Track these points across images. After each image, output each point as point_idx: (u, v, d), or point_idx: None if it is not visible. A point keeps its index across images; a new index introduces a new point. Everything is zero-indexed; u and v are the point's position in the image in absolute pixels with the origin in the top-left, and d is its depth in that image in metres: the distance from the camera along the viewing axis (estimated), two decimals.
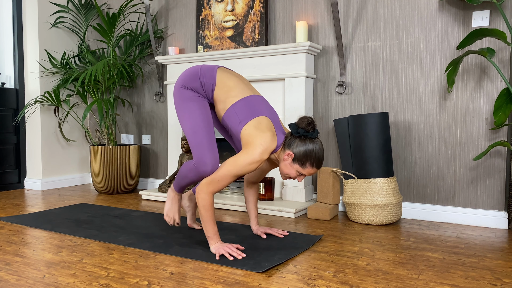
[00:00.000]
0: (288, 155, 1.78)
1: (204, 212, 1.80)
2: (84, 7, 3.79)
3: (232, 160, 1.76)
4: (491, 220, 2.40)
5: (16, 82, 3.74)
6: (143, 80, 3.77)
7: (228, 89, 1.88)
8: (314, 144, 1.78)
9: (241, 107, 1.84)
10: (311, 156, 1.77)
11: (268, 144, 1.75)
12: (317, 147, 1.79)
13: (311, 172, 1.81)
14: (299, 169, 1.80)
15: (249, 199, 2.14)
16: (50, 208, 2.89)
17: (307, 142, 1.78)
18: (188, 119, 1.87)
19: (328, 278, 1.58)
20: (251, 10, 3.10)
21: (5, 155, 3.68)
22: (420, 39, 2.58)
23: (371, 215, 2.41)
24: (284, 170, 1.83)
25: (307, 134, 1.78)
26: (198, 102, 1.90)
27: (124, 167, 3.44)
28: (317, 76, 2.93)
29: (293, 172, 1.81)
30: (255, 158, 1.73)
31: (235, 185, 3.07)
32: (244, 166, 1.74)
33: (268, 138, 1.76)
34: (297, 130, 1.79)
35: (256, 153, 1.73)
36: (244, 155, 1.74)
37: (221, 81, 1.90)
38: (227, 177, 1.77)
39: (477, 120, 2.44)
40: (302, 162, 1.78)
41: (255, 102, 1.87)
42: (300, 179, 1.84)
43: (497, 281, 1.57)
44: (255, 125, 1.79)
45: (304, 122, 1.78)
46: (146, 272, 1.64)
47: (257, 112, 1.83)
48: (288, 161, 1.80)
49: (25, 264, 1.73)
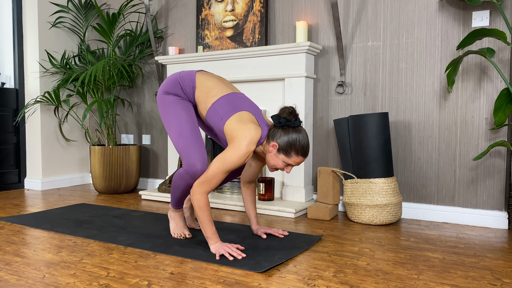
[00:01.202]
0: (273, 146, 1.79)
1: (200, 213, 1.80)
2: (84, 7, 3.79)
3: (220, 157, 1.77)
4: (491, 220, 2.40)
5: (16, 82, 3.74)
6: (143, 80, 3.77)
7: (208, 90, 1.90)
8: (298, 133, 1.79)
9: (222, 104, 1.85)
10: (295, 145, 1.78)
11: (252, 135, 1.76)
12: (301, 136, 1.79)
13: (297, 161, 1.81)
14: (285, 159, 1.80)
15: (247, 199, 2.14)
16: (50, 208, 2.89)
17: (290, 131, 1.79)
18: (174, 123, 1.89)
19: (328, 278, 1.58)
20: (251, 10, 3.10)
21: (5, 155, 3.68)
22: (420, 39, 2.58)
23: (371, 215, 2.41)
24: (270, 162, 1.83)
25: (289, 124, 1.79)
26: (182, 104, 1.92)
27: (124, 167, 3.44)
28: (317, 76, 2.93)
29: (279, 163, 1.82)
30: (242, 151, 1.74)
31: (235, 185, 3.07)
32: (233, 160, 1.75)
33: (251, 129, 1.77)
34: (279, 120, 1.80)
35: (242, 146, 1.74)
36: (231, 150, 1.76)
37: (201, 82, 1.92)
38: (218, 175, 1.78)
39: (477, 120, 2.44)
40: (287, 152, 1.78)
41: (235, 98, 1.88)
42: (288, 170, 1.84)
43: (497, 281, 1.57)
44: (237, 119, 1.80)
45: (286, 111, 1.79)
46: (146, 272, 1.64)
47: (237, 107, 1.84)
48: (273, 152, 1.81)
49: (25, 264, 1.73)
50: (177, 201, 2.07)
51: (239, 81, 3.07)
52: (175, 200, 2.06)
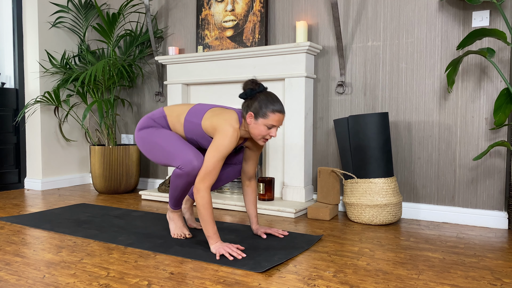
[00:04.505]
0: (249, 116, 1.86)
1: (204, 211, 1.81)
2: (84, 7, 3.79)
3: (212, 147, 1.83)
4: (491, 220, 2.40)
5: (16, 82, 3.74)
6: (143, 80, 3.77)
7: (177, 113, 2.05)
8: (266, 95, 1.87)
9: (192, 114, 1.99)
10: (267, 104, 1.84)
11: (230, 117, 1.88)
12: (269, 96, 1.87)
13: (276, 118, 1.85)
14: (264, 122, 1.85)
15: (247, 199, 2.14)
16: (50, 208, 2.89)
17: (258, 96, 1.87)
18: (157, 140, 1.98)
19: (328, 278, 1.58)
20: (251, 10, 3.10)
21: (5, 155, 3.68)
22: (420, 39, 2.58)
23: (371, 215, 2.42)
24: (255, 132, 1.88)
25: (255, 91, 1.87)
26: (160, 128, 2.05)
27: (124, 167, 3.44)
28: (317, 76, 2.93)
29: (262, 128, 1.86)
30: (229, 132, 1.83)
31: (235, 185, 3.07)
32: (224, 144, 1.82)
33: (227, 114, 1.90)
34: (245, 93, 1.89)
35: (227, 128, 1.83)
36: (219, 136, 1.83)
37: (169, 110, 2.07)
38: (216, 163, 1.83)
39: (477, 120, 2.44)
40: (263, 114, 1.84)
41: (201, 106, 2.02)
42: (274, 133, 1.89)
43: (497, 281, 1.57)
44: (210, 115, 1.93)
45: (248, 83, 1.89)
46: (146, 272, 1.64)
47: (206, 109, 1.99)
48: (252, 122, 1.87)
49: (25, 264, 1.73)
50: (176, 201, 2.07)
51: (239, 81, 3.07)
52: (174, 200, 2.07)
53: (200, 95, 3.31)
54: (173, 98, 3.34)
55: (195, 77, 3.24)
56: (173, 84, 3.35)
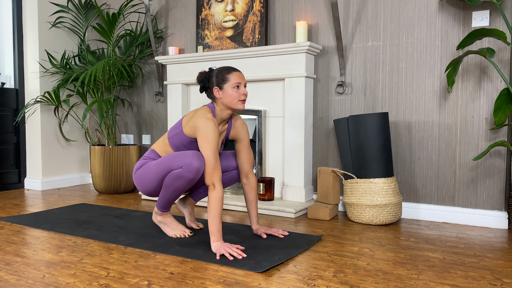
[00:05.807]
0: (216, 91, 1.98)
1: (215, 205, 1.84)
2: (84, 7, 3.79)
3: (202, 141, 1.90)
4: (491, 220, 2.40)
5: (16, 82, 3.74)
6: (143, 80, 3.77)
7: (161, 140, 2.14)
8: (216, 70, 2.02)
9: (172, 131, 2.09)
10: (221, 71, 1.98)
11: (201, 111, 1.96)
12: (219, 68, 2.02)
13: (236, 76, 1.97)
14: (229, 85, 1.96)
15: (248, 199, 2.14)
16: (50, 208, 2.89)
17: (211, 75, 2.01)
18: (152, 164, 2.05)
19: (328, 278, 1.58)
20: (251, 10, 3.10)
21: (5, 155, 3.68)
22: (420, 39, 2.58)
23: (371, 215, 2.41)
24: (229, 100, 1.97)
25: (207, 76, 2.03)
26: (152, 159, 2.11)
27: (124, 167, 3.44)
28: (317, 76, 2.93)
29: (232, 93, 1.96)
30: (206, 121, 1.90)
31: (235, 185, 3.07)
32: (210, 132, 1.89)
33: (198, 111, 1.98)
34: (202, 83, 2.02)
35: (202, 120, 1.91)
36: (201, 130, 1.90)
37: (155, 144, 2.17)
38: (214, 152, 1.89)
39: (477, 120, 2.44)
40: (223, 79, 1.97)
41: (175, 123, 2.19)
42: (244, 91, 1.98)
43: (497, 281, 1.57)
44: (186, 121, 2.02)
45: (199, 74, 2.04)
46: (146, 272, 1.64)
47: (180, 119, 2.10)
48: (221, 93, 1.97)
49: (25, 264, 1.73)
50: (167, 203, 2.08)
51: None
52: (164, 202, 2.08)
53: (200, 95, 3.31)
54: (173, 98, 3.34)
55: (195, 77, 3.24)
56: (173, 84, 3.35)
